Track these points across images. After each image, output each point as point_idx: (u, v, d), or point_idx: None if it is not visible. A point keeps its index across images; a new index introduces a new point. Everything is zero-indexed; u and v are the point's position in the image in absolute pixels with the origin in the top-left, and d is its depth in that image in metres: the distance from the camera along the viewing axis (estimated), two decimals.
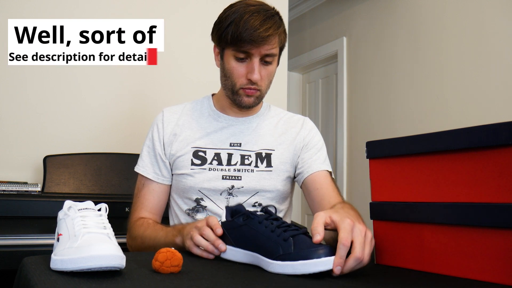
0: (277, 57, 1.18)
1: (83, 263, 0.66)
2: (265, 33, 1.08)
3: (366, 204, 0.89)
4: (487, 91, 2.48)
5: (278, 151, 1.23)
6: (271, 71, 1.17)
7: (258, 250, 0.79)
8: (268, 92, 1.22)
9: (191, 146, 1.20)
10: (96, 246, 0.67)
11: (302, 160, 1.23)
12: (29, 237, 1.45)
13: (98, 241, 0.69)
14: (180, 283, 0.64)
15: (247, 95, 1.16)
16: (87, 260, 0.66)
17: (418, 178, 0.77)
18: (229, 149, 1.21)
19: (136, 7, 2.14)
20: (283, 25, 1.16)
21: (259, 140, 1.23)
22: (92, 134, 2.03)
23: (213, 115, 1.25)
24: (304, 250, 0.72)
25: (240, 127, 1.24)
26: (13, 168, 1.88)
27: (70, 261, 0.67)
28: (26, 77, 1.93)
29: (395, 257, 0.82)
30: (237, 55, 1.12)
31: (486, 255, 0.67)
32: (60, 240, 0.75)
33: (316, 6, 3.89)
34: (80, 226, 0.73)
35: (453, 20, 2.70)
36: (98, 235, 0.72)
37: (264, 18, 1.09)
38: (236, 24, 1.08)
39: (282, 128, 1.27)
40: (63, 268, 0.68)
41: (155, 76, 2.15)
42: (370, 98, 3.30)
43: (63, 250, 0.70)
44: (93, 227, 0.73)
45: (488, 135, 0.66)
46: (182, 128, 1.23)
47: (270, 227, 0.79)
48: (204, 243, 0.87)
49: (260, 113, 1.28)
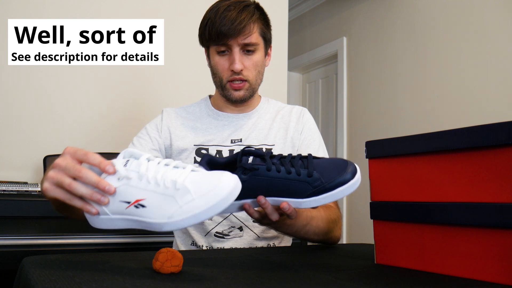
0: (263, 47, 1.19)
1: (222, 205, 0.62)
2: (239, 22, 1.10)
3: (366, 204, 0.89)
4: (487, 91, 2.48)
5: (278, 146, 1.23)
6: (256, 61, 1.17)
7: (278, 195, 0.77)
8: (267, 92, 1.22)
9: (194, 144, 1.21)
10: (218, 183, 0.62)
11: None
12: (29, 237, 1.45)
13: (210, 177, 0.64)
14: (181, 283, 0.64)
15: (235, 89, 1.17)
16: (224, 200, 0.62)
17: (418, 178, 0.77)
18: (230, 146, 1.21)
19: (136, 7, 2.14)
20: (261, 14, 1.17)
21: (259, 135, 1.24)
22: (92, 134, 2.03)
23: (213, 115, 1.26)
24: (336, 178, 0.76)
25: (239, 123, 1.24)
26: (13, 168, 1.88)
27: (208, 210, 0.62)
28: (27, 77, 1.93)
29: (395, 257, 0.82)
30: (218, 48, 1.15)
31: (486, 255, 0.67)
32: (148, 205, 0.64)
33: (316, 6, 3.89)
34: (172, 173, 0.64)
35: (453, 20, 2.70)
36: (196, 172, 0.65)
37: (238, 10, 1.12)
38: (212, 20, 1.12)
39: (281, 122, 1.27)
40: (196, 220, 0.62)
41: (156, 76, 2.15)
42: (370, 98, 3.30)
43: (175, 211, 0.63)
44: (179, 168, 0.66)
45: (488, 135, 0.66)
46: (183, 128, 1.24)
47: (284, 169, 0.76)
48: (83, 190, 0.66)
49: (259, 108, 1.28)
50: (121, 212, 0.67)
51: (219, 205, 0.63)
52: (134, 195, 0.65)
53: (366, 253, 0.96)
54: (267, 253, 0.99)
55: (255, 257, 0.90)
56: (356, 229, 3.36)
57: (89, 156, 0.67)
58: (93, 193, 0.66)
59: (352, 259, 0.93)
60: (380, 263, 0.84)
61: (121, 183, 0.66)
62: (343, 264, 0.87)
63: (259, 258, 0.89)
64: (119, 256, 0.83)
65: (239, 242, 1.16)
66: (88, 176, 0.65)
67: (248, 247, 1.17)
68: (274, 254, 0.95)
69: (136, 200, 0.65)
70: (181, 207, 0.63)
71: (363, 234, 3.22)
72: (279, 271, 0.77)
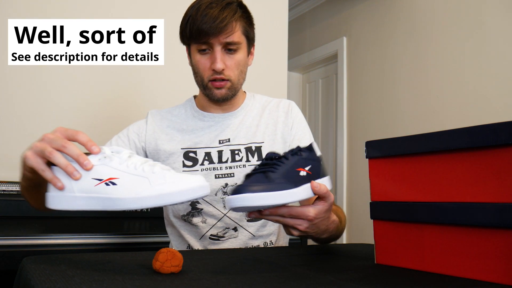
0: (245, 46, 1.16)
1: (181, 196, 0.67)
2: (221, 20, 1.07)
3: (366, 204, 0.89)
4: (487, 91, 2.48)
5: (268, 143, 1.20)
6: (238, 60, 1.14)
7: None
8: (267, 92, 1.21)
9: (181, 147, 1.19)
10: (192, 177, 0.69)
11: None
12: (29, 237, 1.45)
13: (187, 174, 0.72)
14: (181, 283, 0.64)
15: (216, 87, 1.15)
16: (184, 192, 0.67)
17: (418, 178, 0.77)
18: (218, 146, 1.19)
19: (136, 7, 2.14)
20: (244, 12, 1.14)
21: (247, 133, 1.21)
22: (92, 134, 2.02)
23: (198, 116, 1.24)
24: None
25: (226, 122, 1.22)
26: (13, 168, 1.87)
27: (175, 194, 0.67)
28: (27, 77, 1.93)
29: (395, 257, 0.82)
30: (199, 47, 1.13)
31: (486, 255, 0.67)
32: (119, 183, 0.68)
33: (316, 6, 3.89)
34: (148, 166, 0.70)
35: (453, 20, 2.70)
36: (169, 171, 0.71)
37: (220, 8, 1.09)
38: (193, 17, 1.10)
39: (269, 118, 1.24)
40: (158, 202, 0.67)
41: (156, 76, 2.15)
42: (370, 98, 3.31)
43: (145, 189, 0.68)
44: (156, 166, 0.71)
45: (488, 135, 0.66)
46: (169, 131, 1.22)
47: None
48: (61, 160, 0.69)
49: (245, 105, 1.26)
50: (88, 190, 0.69)
51: (186, 193, 0.68)
52: (109, 174, 0.69)
53: (366, 253, 0.96)
54: (267, 253, 0.99)
55: (255, 257, 0.89)
56: (356, 229, 3.35)
57: (79, 135, 0.73)
58: (69, 164, 0.69)
59: (352, 259, 0.93)
60: (380, 263, 0.84)
61: (100, 162, 0.70)
62: (343, 264, 0.87)
63: (259, 258, 0.89)
64: (119, 256, 0.83)
65: (235, 243, 1.16)
66: (72, 149, 0.70)
67: (245, 247, 1.16)
68: (274, 254, 0.95)
69: (109, 178, 0.68)
70: (152, 187, 0.68)
71: (363, 234, 3.22)
72: (279, 271, 0.77)
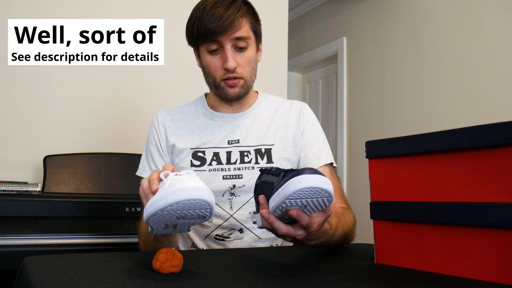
0: (254, 42, 1.16)
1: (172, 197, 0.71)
2: (226, 18, 1.08)
3: (366, 204, 0.89)
4: (487, 91, 2.48)
5: (278, 145, 1.19)
6: (249, 57, 1.14)
7: None
8: (267, 91, 1.21)
9: (190, 147, 1.19)
10: (183, 181, 0.73)
11: (301, 159, 1.21)
12: (29, 237, 1.45)
13: (185, 178, 0.75)
14: (181, 283, 0.64)
15: (229, 86, 1.14)
16: (176, 193, 0.71)
17: (418, 178, 0.77)
18: (227, 147, 1.18)
19: (136, 7, 2.14)
20: (249, 8, 1.15)
21: (258, 134, 1.20)
22: (92, 134, 2.03)
23: (209, 115, 1.23)
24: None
25: (236, 123, 1.21)
26: (13, 168, 1.88)
27: (159, 199, 0.72)
28: (27, 77, 1.93)
29: (395, 257, 0.82)
30: (209, 47, 1.12)
31: (486, 255, 0.67)
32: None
33: (316, 6, 3.89)
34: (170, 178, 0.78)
35: (453, 20, 2.70)
36: (183, 176, 0.76)
37: (225, 6, 1.09)
38: (200, 18, 1.10)
39: (281, 120, 1.23)
40: (155, 209, 0.73)
41: (156, 76, 2.15)
42: (370, 98, 3.30)
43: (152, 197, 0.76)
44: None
45: (488, 135, 0.66)
46: (179, 130, 1.22)
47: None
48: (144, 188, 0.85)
49: (256, 105, 1.25)
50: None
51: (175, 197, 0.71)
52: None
53: (366, 253, 0.96)
54: (267, 253, 0.99)
55: (255, 257, 0.89)
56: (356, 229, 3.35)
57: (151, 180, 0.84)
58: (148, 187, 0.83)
59: (352, 259, 0.93)
60: (380, 263, 0.84)
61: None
62: (343, 264, 0.87)
63: (259, 258, 0.89)
64: (119, 256, 0.84)
65: (240, 245, 1.15)
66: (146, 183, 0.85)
67: None
68: (274, 254, 0.95)
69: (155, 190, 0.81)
70: (156, 195, 0.75)
71: (363, 234, 3.22)
72: (279, 271, 0.77)
